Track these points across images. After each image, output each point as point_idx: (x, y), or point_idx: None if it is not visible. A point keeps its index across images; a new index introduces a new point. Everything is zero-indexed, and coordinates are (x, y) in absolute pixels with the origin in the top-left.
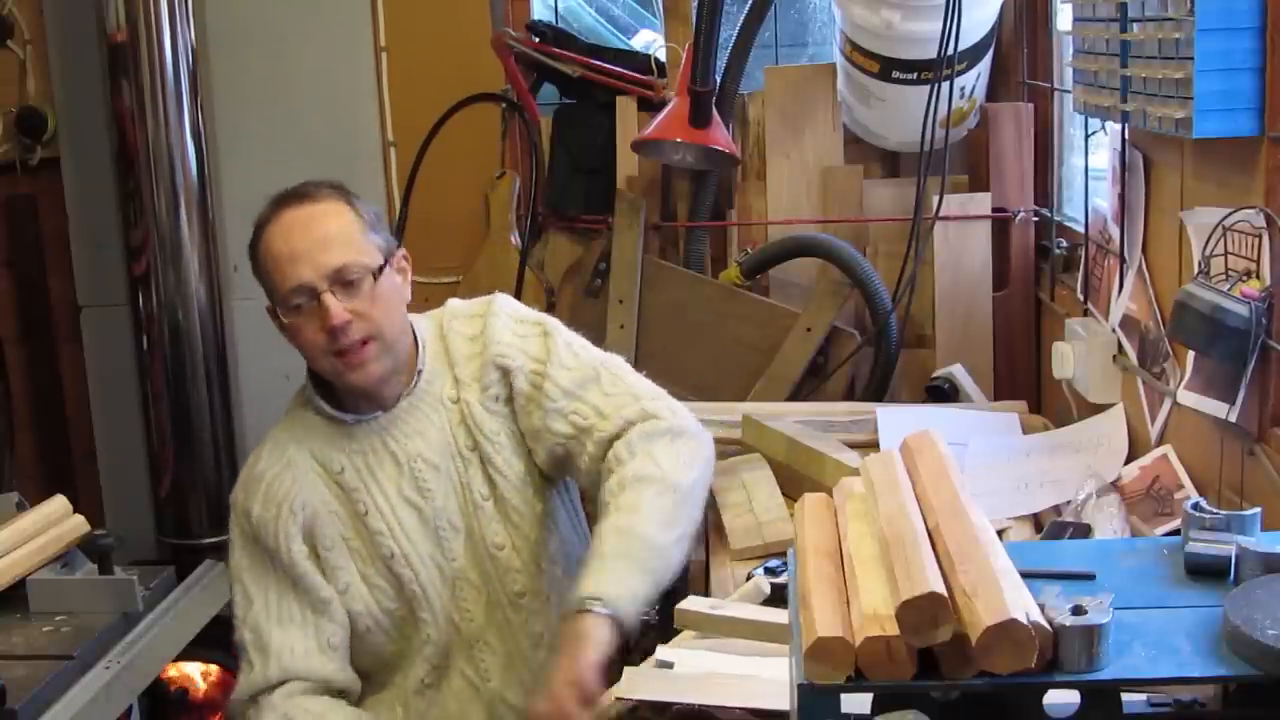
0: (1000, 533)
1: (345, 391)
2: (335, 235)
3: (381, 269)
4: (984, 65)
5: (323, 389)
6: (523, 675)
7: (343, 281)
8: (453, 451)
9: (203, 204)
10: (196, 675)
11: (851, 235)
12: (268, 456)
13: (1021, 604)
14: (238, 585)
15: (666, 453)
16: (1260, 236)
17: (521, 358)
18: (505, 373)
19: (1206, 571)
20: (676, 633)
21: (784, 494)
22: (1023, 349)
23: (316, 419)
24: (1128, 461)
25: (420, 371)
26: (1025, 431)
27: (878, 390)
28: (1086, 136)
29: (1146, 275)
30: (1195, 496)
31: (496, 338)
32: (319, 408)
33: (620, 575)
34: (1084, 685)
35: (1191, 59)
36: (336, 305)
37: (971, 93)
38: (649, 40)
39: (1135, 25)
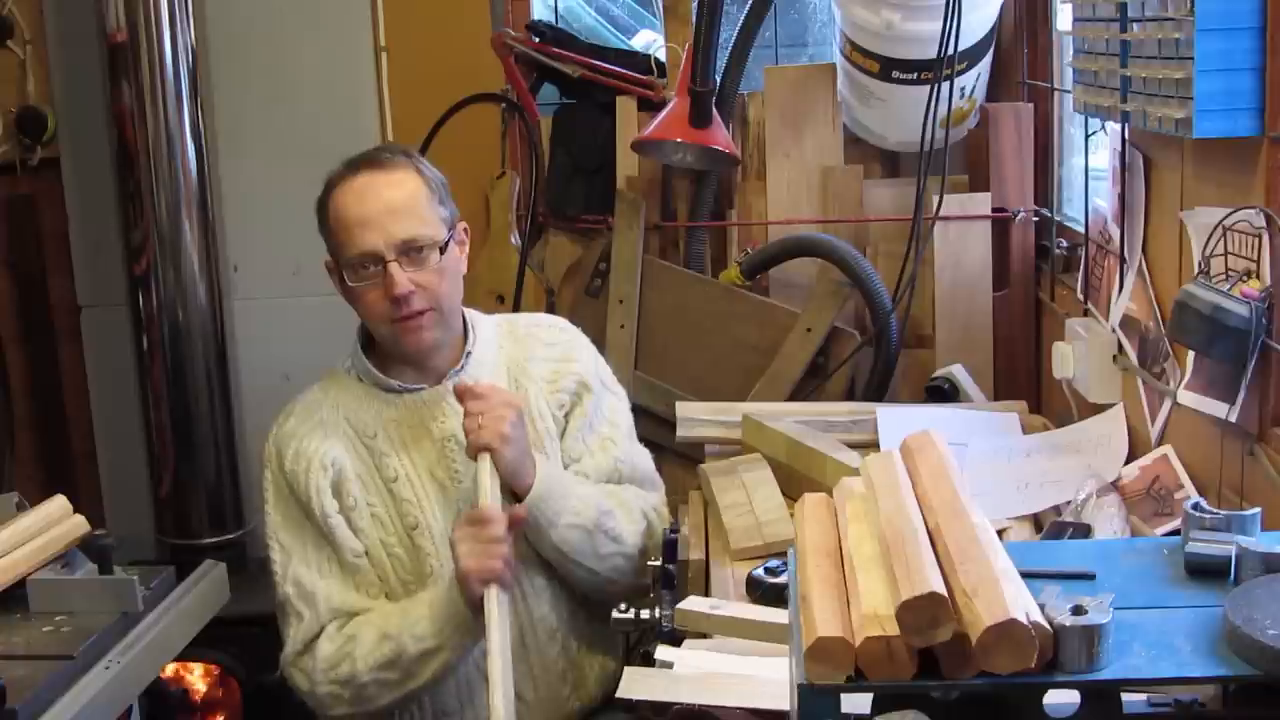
0: (1000, 533)
1: (395, 359)
2: (406, 206)
3: (446, 243)
4: (984, 65)
5: (371, 355)
6: (534, 668)
7: (410, 252)
8: None
9: (203, 204)
10: (196, 675)
11: (851, 235)
12: (299, 415)
13: (1021, 604)
14: (274, 543)
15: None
16: (1260, 236)
17: (604, 393)
18: (583, 391)
19: (1206, 571)
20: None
21: (784, 494)
22: (1023, 349)
23: (357, 384)
24: (1128, 461)
25: (469, 354)
26: (1025, 431)
27: (878, 390)
28: (1086, 136)
29: (1146, 275)
30: (1195, 496)
31: (583, 358)
32: (365, 372)
33: (577, 491)
34: (1084, 685)
35: (1191, 59)
36: (402, 275)
37: (971, 93)
38: (649, 40)
39: (1135, 25)
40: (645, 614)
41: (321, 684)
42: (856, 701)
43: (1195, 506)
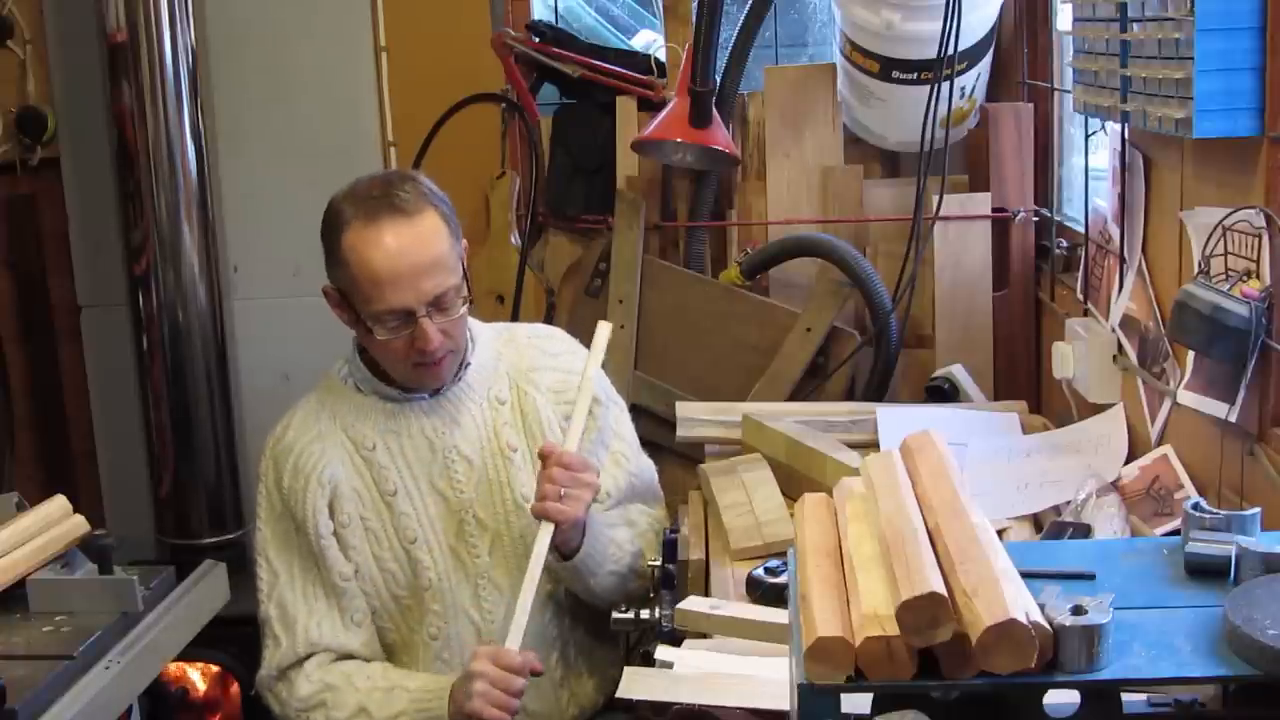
0: (1000, 533)
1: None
2: (436, 260)
3: (466, 284)
4: (984, 65)
5: (366, 360)
6: (541, 681)
7: (440, 306)
8: (492, 449)
9: (203, 204)
10: (196, 675)
11: (851, 235)
12: (298, 426)
13: (1021, 604)
14: (262, 560)
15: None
16: (1260, 236)
17: (610, 406)
18: (592, 405)
19: (1206, 571)
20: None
21: (784, 494)
22: (1023, 349)
23: (354, 394)
24: (1128, 461)
25: (468, 365)
26: (1025, 431)
27: (878, 390)
28: (1086, 136)
29: (1146, 275)
30: (1195, 496)
31: (588, 373)
32: (364, 382)
33: (615, 538)
34: (1084, 685)
35: (1191, 59)
36: (434, 330)
37: (971, 93)
38: (649, 40)
39: (1135, 25)
40: (645, 614)
41: (292, 718)
42: (856, 701)
43: (1195, 506)
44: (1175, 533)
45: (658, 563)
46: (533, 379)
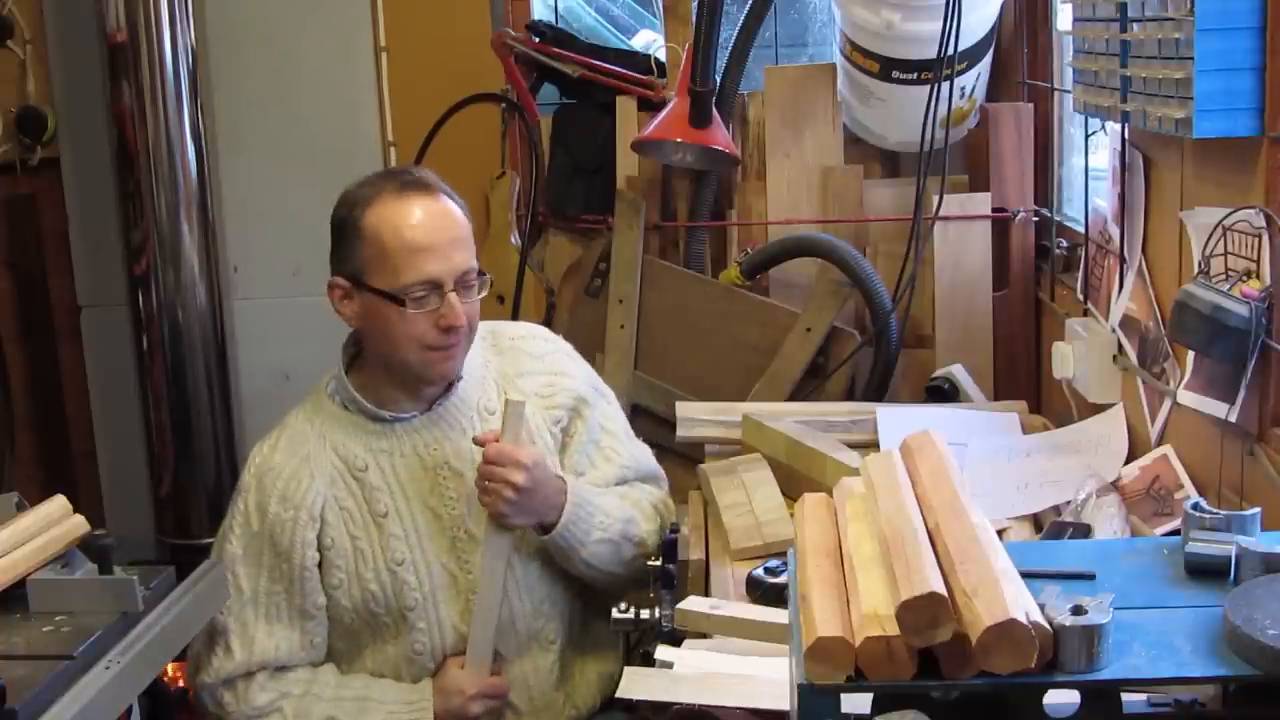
0: (1000, 533)
1: (388, 384)
2: (463, 237)
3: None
4: (984, 65)
5: (353, 379)
6: (528, 677)
7: (465, 284)
8: None
9: (203, 204)
10: None
11: (851, 235)
12: (286, 447)
13: (1021, 604)
14: (229, 574)
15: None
16: (1260, 236)
17: (599, 401)
18: (580, 406)
19: (1206, 571)
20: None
21: (784, 494)
22: (1023, 349)
23: (343, 412)
24: (1128, 461)
25: (461, 377)
26: (1025, 431)
27: (878, 390)
28: (1086, 136)
29: (1146, 275)
30: (1195, 496)
31: (574, 371)
32: (351, 401)
33: (601, 505)
34: (1084, 685)
35: (1191, 59)
36: (460, 306)
37: (971, 93)
38: (649, 40)
39: (1135, 25)
40: (645, 614)
41: None
42: (856, 701)
43: (1195, 506)
44: (1175, 533)
45: (658, 563)
46: (519, 385)
